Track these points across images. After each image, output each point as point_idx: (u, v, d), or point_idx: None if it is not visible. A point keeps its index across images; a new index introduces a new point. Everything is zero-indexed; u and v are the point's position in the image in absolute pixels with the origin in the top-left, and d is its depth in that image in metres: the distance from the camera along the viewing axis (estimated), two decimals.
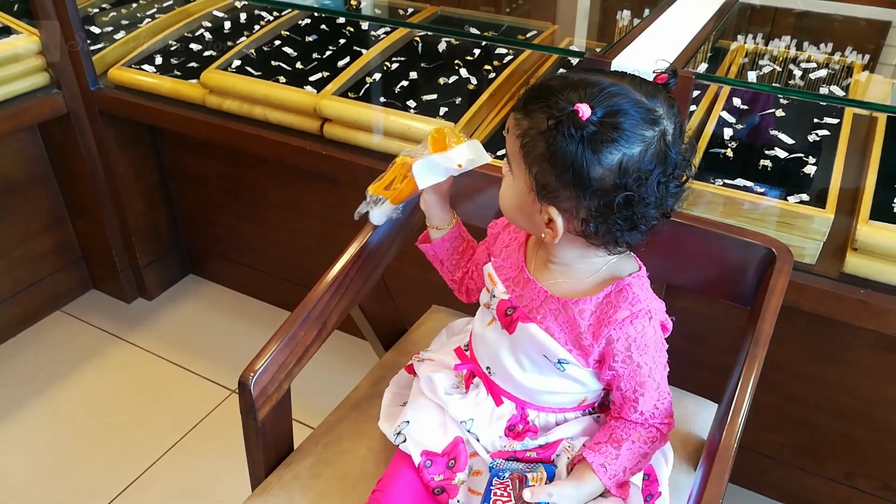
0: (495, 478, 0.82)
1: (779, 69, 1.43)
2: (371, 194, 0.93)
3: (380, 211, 0.94)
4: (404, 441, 0.88)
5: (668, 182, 0.71)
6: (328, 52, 1.63)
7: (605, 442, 0.81)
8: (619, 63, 1.07)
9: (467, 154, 0.86)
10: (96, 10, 1.89)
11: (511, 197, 0.77)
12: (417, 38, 1.65)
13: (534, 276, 0.83)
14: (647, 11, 1.31)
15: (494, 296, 0.86)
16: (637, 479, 0.82)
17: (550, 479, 0.82)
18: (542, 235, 0.76)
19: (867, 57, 1.44)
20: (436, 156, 0.86)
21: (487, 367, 0.89)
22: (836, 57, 1.43)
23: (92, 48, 1.68)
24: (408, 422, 0.89)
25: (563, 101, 0.68)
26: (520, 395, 0.87)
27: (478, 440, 0.87)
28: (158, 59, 1.70)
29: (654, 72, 0.74)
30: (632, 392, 0.80)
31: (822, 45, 1.46)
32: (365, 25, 1.75)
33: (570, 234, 0.75)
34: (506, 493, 0.80)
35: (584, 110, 0.66)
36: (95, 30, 1.81)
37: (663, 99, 0.71)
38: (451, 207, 0.96)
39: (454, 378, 0.93)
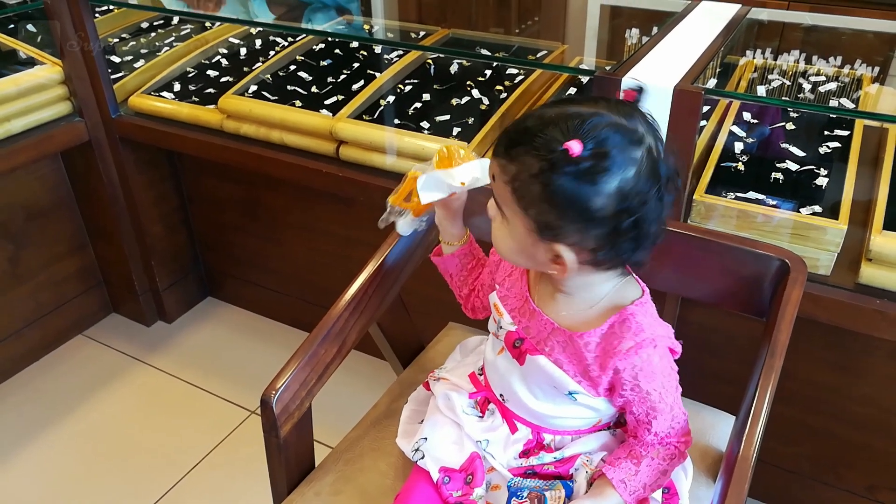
0: (514, 498, 0.83)
1: (788, 83, 1.45)
2: (392, 205, 0.94)
3: (405, 222, 0.95)
4: (422, 457, 0.88)
5: (664, 195, 0.72)
6: (343, 76, 1.66)
7: (624, 458, 0.81)
8: (630, 80, 1.09)
9: (473, 172, 0.86)
10: (116, 40, 1.93)
11: (508, 241, 0.76)
12: (430, 61, 1.68)
13: (539, 306, 0.83)
14: (655, 29, 1.33)
15: (502, 326, 0.86)
16: (657, 493, 0.82)
17: (568, 496, 0.82)
18: (551, 272, 0.75)
19: (877, 69, 1.44)
20: (438, 172, 0.86)
21: (501, 395, 0.89)
22: (846, 70, 1.44)
23: (112, 77, 1.72)
24: (425, 438, 0.90)
25: (548, 140, 0.67)
26: (534, 421, 0.87)
27: (494, 458, 0.88)
28: (177, 86, 1.74)
29: (623, 90, 0.74)
30: (644, 416, 0.80)
31: (830, 59, 1.47)
32: (378, 49, 1.78)
33: (578, 265, 0.74)
34: None
35: (575, 147, 0.66)
36: (116, 59, 1.85)
37: (639, 116, 0.71)
38: (463, 224, 0.96)
39: (471, 399, 0.93)
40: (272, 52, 1.80)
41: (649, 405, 0.79)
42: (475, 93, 1.55)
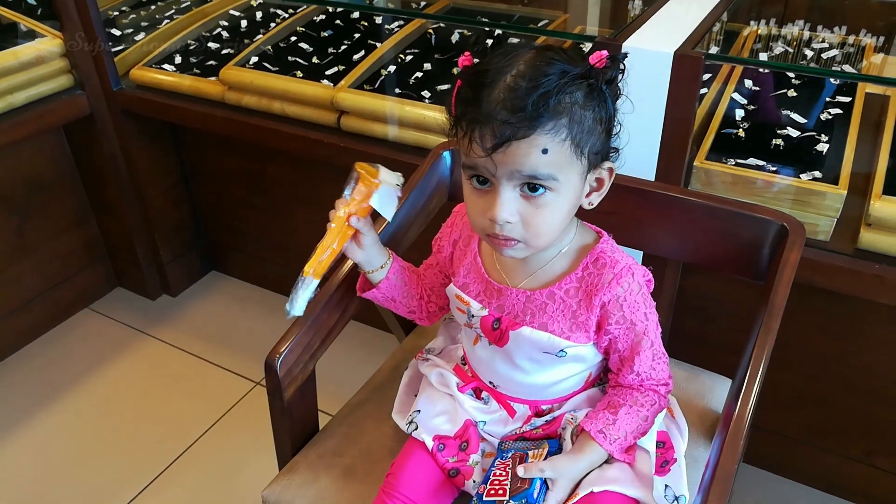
0: (498, 459, 0.84)
1: (791, 51, 1.44)
2: (304, 276, 0.86)
3: (303, 296, 0.86)
4: (416, 429, 0.90)
5: None
6: (343, 47, 1.66)
7: (602, 409, 0.83)
8: (630, 45, 1.09)
9: (390, 177, 0.86)
10: (116, 13, 1.93)
11: (561, 211, 0.73)
12: (431, 31, 1.67)
13: (502, 283, 0.84)
14: None
15: (473, 315, 0.86)
16: (651, 447, 0.83)
17: (553, 453, 0.83)
18: (589, 205, 0.78)
19: (882, 39, 1.43)
20: (383, 185, 0.84)
21: (490, 382, 0.90)
22: (851, 39, 1.43)
23: (113, 49, 1.72)
24: (419, 410, 0.91)
25: (567, 72, 0.68)
26: (529, 397, 0.88)
27: (491, 435, 0.89)
28: (178, 59, 1.74)
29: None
30: (629, 351, 0.82)
31: (835, 29, 1.46)
32: (379, 19, 1.78)
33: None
34: (504, 473, 0.81)
35: (598, 56, 0.70)
36: (116, 32, 1.85)
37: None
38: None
39: (462, 392, 0.93)
40: (273, 24, 1.79)
41: (634, 339, 0.81)
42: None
